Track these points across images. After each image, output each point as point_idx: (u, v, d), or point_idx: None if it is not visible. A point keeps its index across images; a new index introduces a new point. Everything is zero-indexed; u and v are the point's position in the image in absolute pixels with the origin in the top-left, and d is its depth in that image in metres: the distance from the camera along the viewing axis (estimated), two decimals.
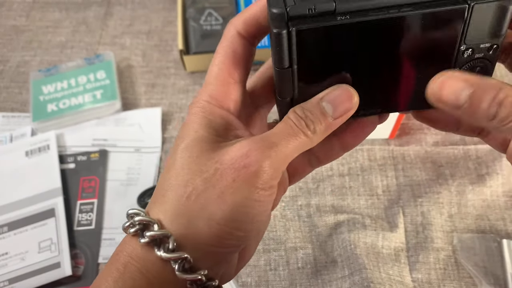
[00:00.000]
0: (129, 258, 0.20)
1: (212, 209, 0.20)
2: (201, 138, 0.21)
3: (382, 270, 0.41)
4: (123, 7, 0.63)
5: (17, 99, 0.55)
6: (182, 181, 0.20)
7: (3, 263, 0.42)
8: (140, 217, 0.20)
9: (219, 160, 0.20)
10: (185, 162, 0.21)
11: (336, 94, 0.21)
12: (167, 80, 0.56)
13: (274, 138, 0.20)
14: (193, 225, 0.20)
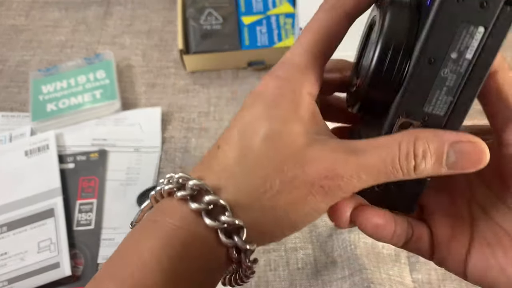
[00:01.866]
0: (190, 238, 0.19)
1: (281, 213, 0.20)
2: (289, 130, 0.19)
3: (382, 270, 0.41)
4: (123, 7, 0.63)
5: (17, 99, 0.55)
6: (262, 173, 0.19)
7: (2, 263, 0.42)
8: (212, 196, 0.19)
9: (302, 166, 0.19)
10: (268, 154, 0.19)
11: (470, 148, 0.18)
12: (167, 80, 0.56)
13: (369, 166, 0.19)
14: (261, 221, 0.20)
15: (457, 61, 0.18)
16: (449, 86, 0.18)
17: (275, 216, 0.20)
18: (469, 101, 0.19)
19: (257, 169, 0.19)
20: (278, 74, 0.21)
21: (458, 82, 0.18)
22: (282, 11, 0.57)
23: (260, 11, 0.57)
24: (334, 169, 0.19)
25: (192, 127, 0.52)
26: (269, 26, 0.55)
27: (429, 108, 0.19)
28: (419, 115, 0.19)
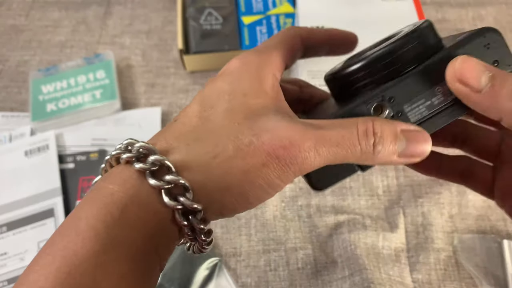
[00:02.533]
0: (128, 201, 0.18)
1: (232, 181, 0.19)
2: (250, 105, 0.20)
3: (383, 270, 0.41)
4: (122, 7, 0.63)
5: (16, 99, 0.55)
6: (215, 139, 0.19)
7: (2, 263, 0.42)
8: (157, 156, 0.18)
9: (257, 134, 0.19)
10: (225, 123, 0.19)
11: (414, 134, 0.19)
12: (166, 79, 0.56)
13: (327, 139, 0.19)
14: (209, 186, 0.19)
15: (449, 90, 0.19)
16: (432, 102, 0.19)
17: (226, 182, 0.19)
18: (435, 127, 0.20)
19: (211, 136, 0.19)
20: (244, 55, 0.22)
21: (440, 105, 0.19)
22: (282, 11, 0.57)
23: (260, 11, 0.57)
24: (291, 137, 0.18)
25: None
26: (269, 26, 0.55)
27: (408, 108, 0.20)
28: (397, 106, 0.20)
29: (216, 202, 0.19)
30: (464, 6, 0.62)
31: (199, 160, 0.19)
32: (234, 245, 0.44)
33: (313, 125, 0.19)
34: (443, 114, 0.20)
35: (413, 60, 0.20)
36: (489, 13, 0.61)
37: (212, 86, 0.21)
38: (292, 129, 0.19)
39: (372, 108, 0.20)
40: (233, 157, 0.19)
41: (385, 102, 0.20)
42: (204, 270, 0.41)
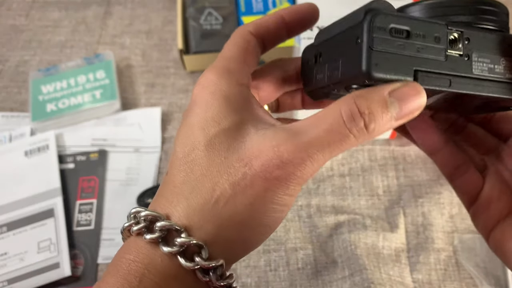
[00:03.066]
0: (145, 270, 0.18)
1: (243, 217, 0.18)
2: (226, 131, 0.19)
3: (383, 270, 0.41)
4: (122, 7, 0.63)
5: (16, 99, 0.55)
6: (210, 184, 0.19)
7: (2, 263, 0.42)
8: (163, 222, 0.18)
9: (247, 164, 0.18)
10: (212, 163, 0.19)
11: (405, 91, 0.18)
12: (166, 79, 0.56)
13: (316, 143, 0.18)
14: (222, 232, 0.19)
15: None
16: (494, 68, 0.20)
17: (238, 223, 0.19)
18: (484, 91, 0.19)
19: (204, 180, 0.19)
20: (203, 78, 0.21)
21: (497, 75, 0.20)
22: None
23: (260, 11, 0.57)
24: (281, 156, 0.18)
25: None
26: None
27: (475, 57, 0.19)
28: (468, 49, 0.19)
29: (236, 246, 0.19)
30: None
31: (203, 211, 0.18)
32: None
33: (296, 131, 0.18)
34: (495, 85, 0.19)
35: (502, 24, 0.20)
36: None
37: (185, 124, 0.20)
38: (278, 145, 0.18)
39: (451, 35, 0.18)
40: (234, 196, 0.18)
41: (462, 38, 0.19)
42: None
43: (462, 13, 0.19)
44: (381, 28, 0.17)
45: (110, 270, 0.19)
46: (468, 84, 0.19)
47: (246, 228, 0.19)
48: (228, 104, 0.20)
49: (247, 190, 0.18)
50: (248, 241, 0.19)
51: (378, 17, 0.17)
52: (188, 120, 0.20)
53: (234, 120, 0.19)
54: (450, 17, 0.19)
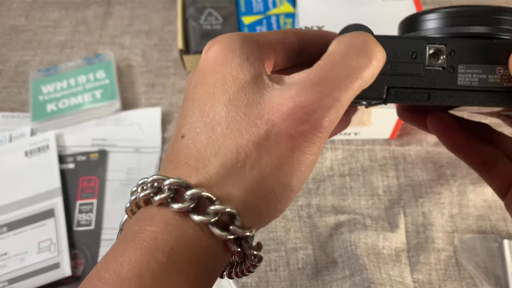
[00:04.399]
0: (175, 243, 0.16)
1: (271, 181, 0.17)
2: (244, 85, 0.18)
3: (383, 270, 0.41)
4: (123, 7, 0.63)
5: (17, 99, 0.55)
6: (233, 146, 0.17)
7: (3, 264, 0.42)
8: (194, 190, 0.17)
9: (270, 120, 0.17)
10: (232, 120, 0.17)
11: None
12: (167, 80, 0.56)
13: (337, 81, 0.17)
14: (251, 199, 0.17)
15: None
16: (487, 78, 0.19)
17: (265, 187, 0.17)
18: (476, 102, 0.19)
19: (227, 142, 0.17)
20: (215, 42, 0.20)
21: (492, 85, 0.19)
22: (282, 11, 0.57)
23: (260, 11, 0.57)
24: (305, 105, 0.17)
25: None
26: (269, 26, 0.55)
27: (462, 69, 0.19)
28: (452, 61, 0.19)
29: (264, 214, 0.18)
30: None
31: (231, 177, 0.17)
32: None
33: (313, 76, 0.17)
34: (490, 95, 0.19)
35: (493, 29, 0.19)
36: None
37: (200, 81, 0.19)
38: (299, 94, 0.17)
39: (431, 50, 0.19)
40: (260, 158, 0.17)
41: (444, 50, 0.18)
42: None
43: (479, 24, 0.19)
44: None
45: (125, 242, 0.17)
46: (452, 96, 0.19)
47: (273, 192, 0.18)
48: (246, 59, 0.18)
49: (272, 151, 0.17)
50: (273, 206, 0.18)
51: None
52: (203, 78, 0.19)
53: (251, 72, 0.18)
54: (466, 27, 0.19)
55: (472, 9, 0.19)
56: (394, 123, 0.47)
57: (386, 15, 0.39)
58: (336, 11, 0.39)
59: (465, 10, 0.19)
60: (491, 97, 0.19)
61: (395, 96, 0.19)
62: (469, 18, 0.19)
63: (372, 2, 0.40)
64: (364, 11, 0.39)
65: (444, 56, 0.19)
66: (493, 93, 0.19)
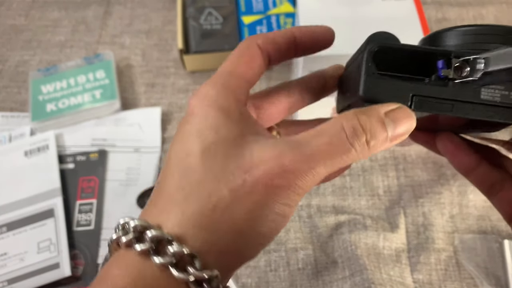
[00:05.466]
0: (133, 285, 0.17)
1: (241, 226, 0.18)
2: (224, 140, 0.19)
3: (383, 271, 0.41)
4: (122, 6, 0.63)
5: (16, 99, 0.55)
6: (206, 191, 0.18)
7: (2, 264, 0.42)
8: (154, 231, 0.17)
9: (248, 171, 0.18)
10: (209, 169, 0.18)
11: (400, 113, 0.19)
12: (166, 79, 0.56)
13: (318, 155, 0.18)
14: (219, 241, 0.18)
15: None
16: (509, 95, 0.20)
17: (236, 231, 0.18)
18: (496, 117, 0.20)
19: (200, 187, 0.18)
20: (201, 90, 0.21)
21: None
22: (282, 11, 0.57)
23: (260, 11, 0.57)
24: (283, 165, 0.18)
25: None
26: (269, 26, 0.55)
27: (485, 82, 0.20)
28: (477, 75, 0.19)
29: (233, 258, 0.19)
30: (465, 6, 0.62)
31: (200, 219, 0.18)
32: None
33: (297, 142, 0.18)
34: (510, 111, 0.19)
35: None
36: (490, 12, 0.61)
37: (181, 132, 0.20)
38: (280, 154, 0.18)
39: (457, 63, 0.19)
40: (233, 202, 0.18)
41: (470, 64, 0.19)
42: None
43: (503, 43, 0.19)
44: (379, 56, 0.19)
45: (95, 285, 0.17)
46: (474, 110, 0.19)
47: (243, 237, 0.18)
48: (227, 116, 0.19)
49: (247, 196, 0.18)
50: (244, 251, 0.19)
51: (377, 47, 0.19)
52: (184, 128, 0.20)
53: (233, 130, 0.19)
54: (491, 44, 0.20)
55: (496, 28, 0.20)
56: None
57: (386, 14, 0.39)
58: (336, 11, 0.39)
59: (490, 29, 0.20)
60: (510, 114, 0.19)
61: (419, 104, 0.19)
62: (493, 37, 0.20)
63: (372, 2, 0.40)
64: (364, 11, 0.39)
65: (468, 70, 0.19)
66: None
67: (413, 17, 0.39)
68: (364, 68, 0.19)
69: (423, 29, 0.38)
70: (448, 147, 0.25)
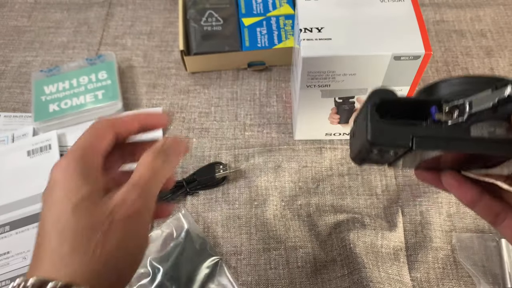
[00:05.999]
0: None
1: (117, 257, 0.23)
2: (86, 196, 0.24)
3: (381, 269, 0.41)
4: (124, 8, 0.64)
5: (19, 99, 0.55)
6: (85, 239, 0.22)
7: (5, 262, 0.43)
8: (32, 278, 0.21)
9: (111, 213, 0.23)
10: (83, 223, 0.23)
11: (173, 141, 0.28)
12: (168, 80, 0.57)
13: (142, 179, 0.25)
14: (104, 276, 0.23)
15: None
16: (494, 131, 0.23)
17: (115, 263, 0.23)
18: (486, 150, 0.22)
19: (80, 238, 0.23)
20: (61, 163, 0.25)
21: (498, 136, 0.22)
22: (282, 13, 0.57)
23: (260, 13, 0.57)
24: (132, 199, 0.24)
25: (193, 127, 0.53)
26: (269, 28, 0.56)
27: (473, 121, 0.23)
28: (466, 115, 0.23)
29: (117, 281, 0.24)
30: (462, 7, 0.62)
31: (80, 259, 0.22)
32: (235, 244, 0.44)
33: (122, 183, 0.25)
34: (498, 145, 0.22)
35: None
36: (487, 14, 0.61)
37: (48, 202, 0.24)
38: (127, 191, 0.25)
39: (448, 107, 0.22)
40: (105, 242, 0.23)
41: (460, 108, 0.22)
42: (205, 269, 0.42)
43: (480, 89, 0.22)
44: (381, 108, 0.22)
45: None
46: (467, 145, 0.22)
47: (121, 267, 0.23)
48: (84, 178, 0.24)
49: (114, 235, 0.23)
50: (127, 276, 0.24)
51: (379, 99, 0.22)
52: (50, 198, 0.24)
53: (91, 188, 0.24)
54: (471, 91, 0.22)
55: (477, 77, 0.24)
56: None
57: (385, 16, 0.39)
58: (335, 13, 0.40)
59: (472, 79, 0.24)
60: (499, 146, 0.22)
61: (419, 143, 0.22)
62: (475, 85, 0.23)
63: (371, 3, 0.40)
64: (363, 12, 0.40)
65: (459, 112, 0.22)
66: (500, 144, 0.22)
67: (411, 18, 0.39)
68: (369, 117, 0.22)
69: (421, 30, 0.39)
70: (452, 183, 0.28)
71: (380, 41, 0.38)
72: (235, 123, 0.53)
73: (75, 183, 0.24)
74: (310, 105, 0.44)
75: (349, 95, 0.43)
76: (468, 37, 0.59)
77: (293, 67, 0.50)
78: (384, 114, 0.23)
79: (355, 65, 0.39)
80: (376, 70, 0.39)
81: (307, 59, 0.38)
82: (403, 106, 0.23)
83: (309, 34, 0.39)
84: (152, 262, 0.42)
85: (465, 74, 0.23)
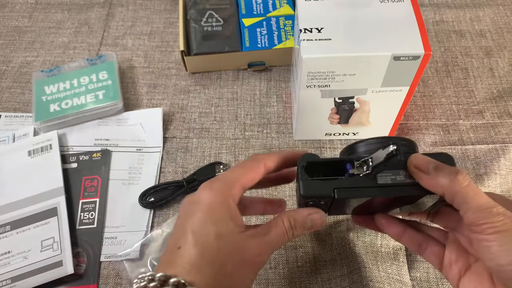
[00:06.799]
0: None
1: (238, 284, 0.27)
2: (230, 231, 0.27)
3: (381, 268, 0.42)
4: (125, 8, 0.64)
5: (20, 99, 0.56)
6: (220, 262, 0.27)
7: (6, 262, 0.43)
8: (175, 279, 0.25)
9: (242, 254, 0.27)
10: (223, 247, 0.27)
11: (317, 217, 0.30)
12: (168, 80, 0.57)
13: (274, 240, 0.29)
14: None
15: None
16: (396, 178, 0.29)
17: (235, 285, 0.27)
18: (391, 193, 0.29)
19: (216, 260, 0.26)
20: (210, 186, 0.29)
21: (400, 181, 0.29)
22: (282, 13, 0.57)
23: (260, 13, 0.57)
24: (261, 251, 0.28)
25: (193, 127, 0.53)
26: (269, 28, 0.56)
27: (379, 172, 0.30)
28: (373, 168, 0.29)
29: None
30: (462, 8, 0.62)
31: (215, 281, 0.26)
32: None
33: (261, 234, 0.28)
34: (399, 188, 0.29)
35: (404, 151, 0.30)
36: (487, 14, 0.61)
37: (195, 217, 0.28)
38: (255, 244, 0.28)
39: (358, 163, 0.29)
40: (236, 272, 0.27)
41: (366, 163, 0.29)
42: None
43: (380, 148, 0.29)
44: (309, 169, 0.29)
45: None
46: (376, 191, 0.29)
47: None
48: (228, 214, 0.28)
49: (242, 269, 0.27)
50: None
51: (305, 162, 0.30)
52: (196, 214, 0.28)
53: (232, 225, 0.28)
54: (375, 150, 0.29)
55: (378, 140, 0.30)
56: (392, 124, 0.48)
57: (385, 17, 0.39)
58: (335, 13, 0.40)
59: (375, 140, 0.30)
60: (400, 189, 0.29)
61: (340, 193, 0.29)
62: (377, 145, 0.30)
63: (370, 4, 0.40)
64: (363, 13, 0.40)
65: (365, 167, 0.29)
66: (401, 187, 0.29)
67: (411, 19, 0.40)
68: (300, 177, 0.29)
69: (421, 31, 0.39)
70: (382, 223, 0.35)
71: (380, 42, 0.38)
72: (235, 123, 0.53)
73: (222, 215, 0.28)
74: (310, 105, 0.44)
75: (349, 95, 0.43)
76: (468, 37, 0.60)
77: (293, 67, 0.50)
78: (313, 174, 0.30)
79: (355, 66, 0.39)
80: (375, 70, 0.39)
81: (307, 59, 0.38)
82: (326, 166, 0.30)
83: (309, 34, 0.39)
84: (152, 261, 0.43)
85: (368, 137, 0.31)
